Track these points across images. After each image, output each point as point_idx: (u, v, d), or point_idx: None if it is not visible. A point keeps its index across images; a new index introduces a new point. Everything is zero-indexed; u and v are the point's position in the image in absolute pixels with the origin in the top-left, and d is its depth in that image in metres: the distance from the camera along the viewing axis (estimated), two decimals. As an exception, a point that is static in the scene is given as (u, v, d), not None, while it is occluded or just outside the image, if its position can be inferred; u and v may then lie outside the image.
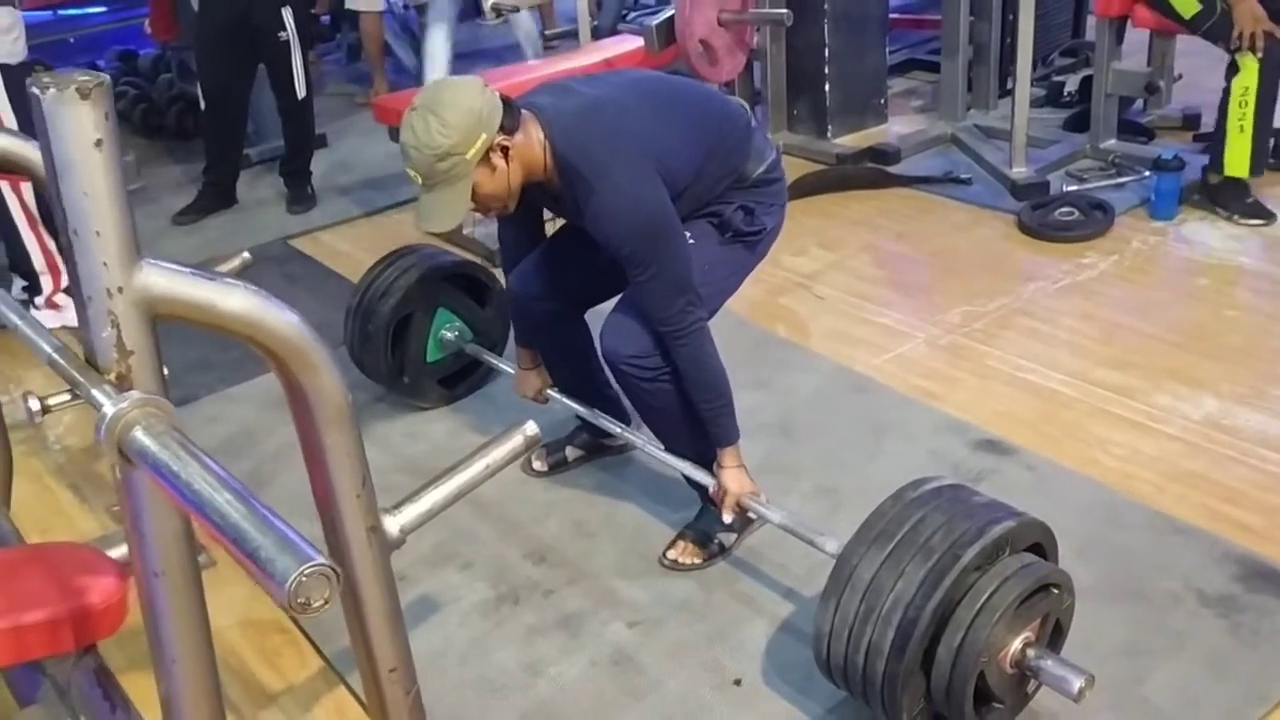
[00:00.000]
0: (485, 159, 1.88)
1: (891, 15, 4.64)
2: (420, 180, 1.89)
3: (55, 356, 1.11)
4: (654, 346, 2.00)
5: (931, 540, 1.62)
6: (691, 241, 2.02)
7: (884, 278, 3.33)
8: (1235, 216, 3.40)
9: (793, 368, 2.85)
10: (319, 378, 1.22)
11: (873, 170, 4.04)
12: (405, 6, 5.61)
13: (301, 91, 4.04)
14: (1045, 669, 1.63)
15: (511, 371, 2.53)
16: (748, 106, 2.57)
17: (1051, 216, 3.49)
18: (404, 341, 2.70)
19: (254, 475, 2.51)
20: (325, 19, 6.21)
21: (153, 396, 1.03)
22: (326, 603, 0.82)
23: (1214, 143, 3.41)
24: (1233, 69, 3.30)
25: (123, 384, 1.09)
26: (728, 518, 2.06)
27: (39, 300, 3.29)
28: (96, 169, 1.04)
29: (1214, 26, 3.33)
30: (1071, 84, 4.44)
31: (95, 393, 1.04)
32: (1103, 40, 3.80)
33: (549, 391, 2.43)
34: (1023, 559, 1.65)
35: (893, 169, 4.04)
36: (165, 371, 1.16)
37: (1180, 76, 4.20)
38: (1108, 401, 2.59)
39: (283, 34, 3.92)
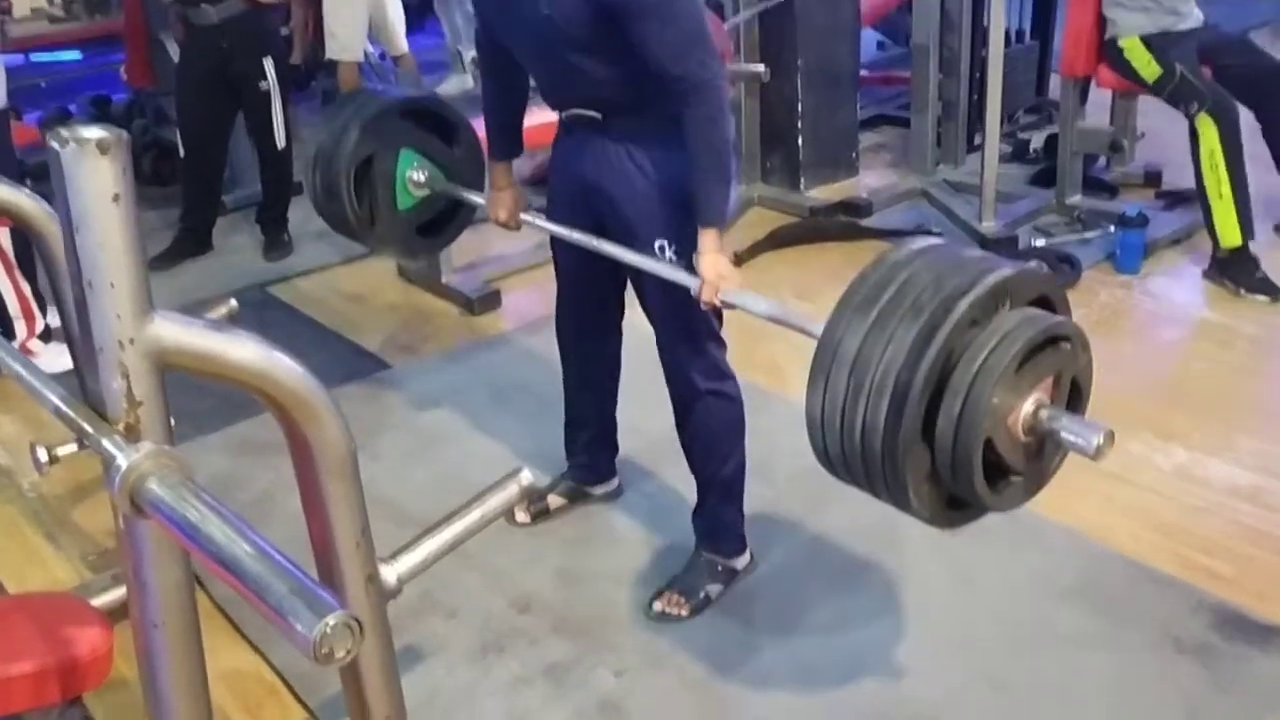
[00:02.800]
0: None
1: (862, 72, 4.74)
2: None
3: (63, 407, 1.12)
4: (710, 374, 2.06)
5: (920, 299, 1.44)
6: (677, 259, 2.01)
7: (859, 328, 3.38)
8: (1243, 291, 3.36)
9: (773, 414, 2.87)
10: (323, 427, 1.24)
11: (846, 223, 4.11)
12: (381, 56, 5.66)
13: (281, 140, 4.06)
14: (1060, 428, 1.42)
15: (483, 203, 2.40)
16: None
17: (1021, 270, 3.56)
18: (371, 188, 2.45)
19: (233, 524, 2.50)
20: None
21: (165, 448, 1.04)
22: (349, 653, 0.83)
23: (1204, 216, 3.43)
24: (1194, 136, 3.37)
25: (131, 434, 1.10)
26: (705, 306, 1.93)
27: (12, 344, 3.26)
28: (113, 223, 1.05)
29: (1175, 90, 3.43)
30: (1037, 141, 4.56)
31: (106, 444, 1.04)
32: (1067, 100, 3.91)
33: (523, 216, 2.31)
34: (1025, 312, 1.46)
35: (865, 222, 4.11)
36: (172, 422, 1.17)
37: (1143, 135, 4.33)
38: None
39: (263, 83, 3.94)
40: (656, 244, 2.02)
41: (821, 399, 1.48)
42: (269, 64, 3.95)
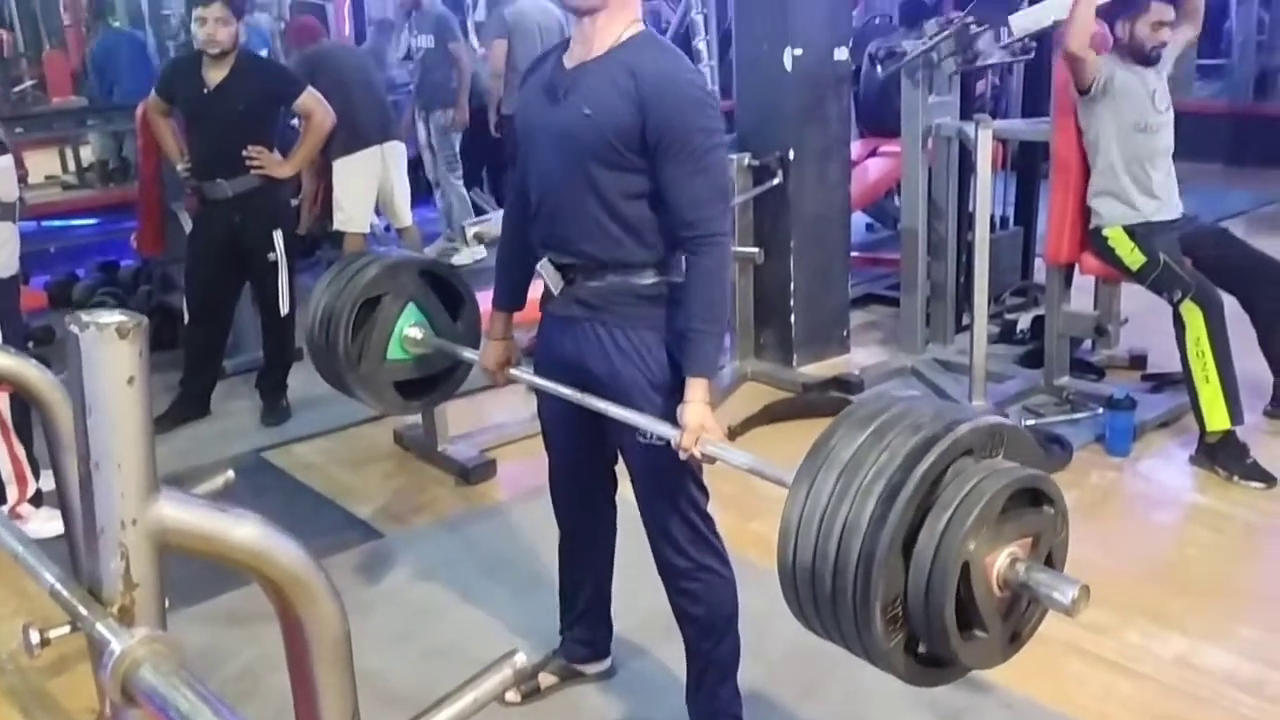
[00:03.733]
0: None
1: (853, 253, 4.89)
2: None
3: (58, 587, 1.11)
4: (696, 547, 2.06)
5: (920, 420, 1.44)
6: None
7: (853, 506, 3.38)
8: (1235, 478, 3.34)
9: (765, 590, 2.84)
10: (319, 610, 1.23)
11: (838, 399, 4.16)
12: (386, 229, 5.84)
13: (285, 309, 4.15)
14: (1034, 581, 1.42)
15: (475, 359, 2.40)
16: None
17: (1013, 449, 3.59)
18: (369, 328, 2.46)
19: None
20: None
21: (160, 634, 1.03)
22: None
23: (1191, 401, 3.46)
24: (1178, 323, 3.44)
25: (125, 618, 1.09)
26: (683, 455, 1.90)
27: (2, 510, 3.24)
28: (127, 404, 1.07)
29: (1159, 279, 3.53)
30: (1024, 322, 4.67)
31: (100, 627, 1.04)
32: (1052, 285, 4.02)
33: (511, 370, 2.32)
34: (1017, 462, 1.48)
35: (857, 399, 4.16)
36: (167, 603, 1.16)
37: (1126, 320, 4.43)
38: (1079, 638, 2.60)
39: (272, 254, 4.05)
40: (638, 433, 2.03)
41: (803, 502, 1.46)
42: (278, 236, 4.06)
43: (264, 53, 6.58)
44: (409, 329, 2.47)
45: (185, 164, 4.12)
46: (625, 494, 2.32)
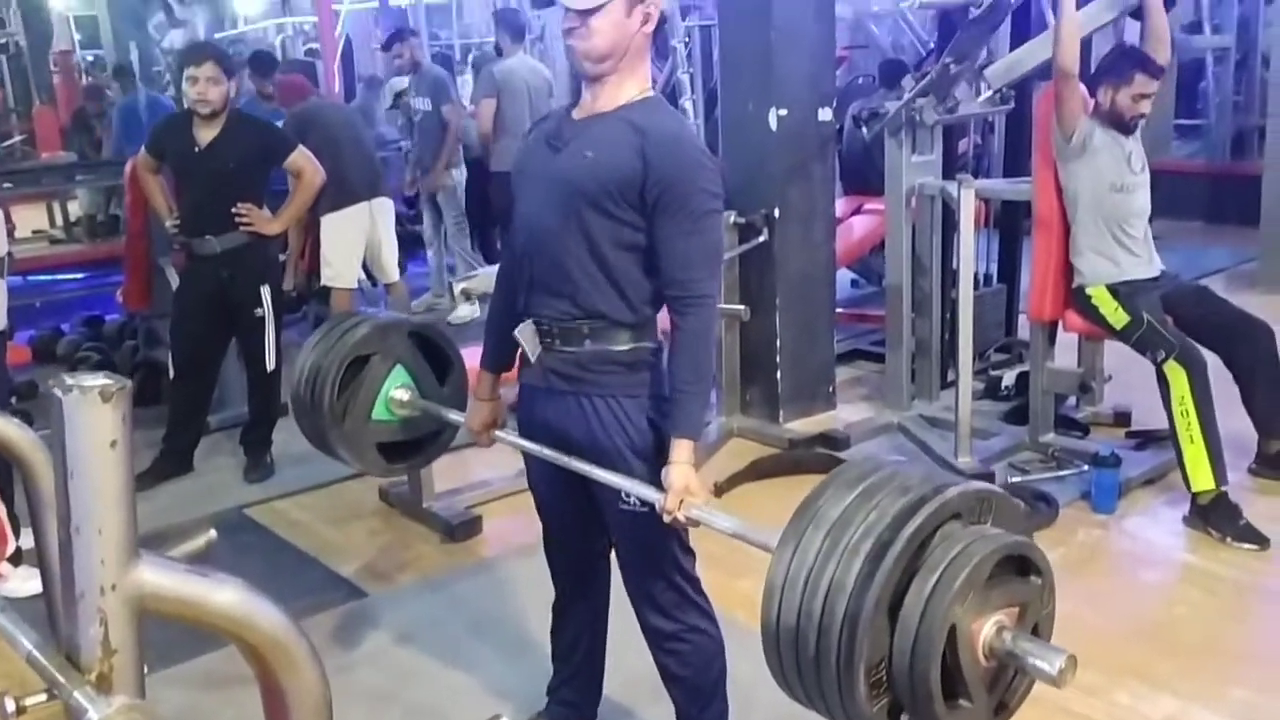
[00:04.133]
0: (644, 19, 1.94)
1: (838, 309, 4.92)
2: None
3: (35, 653, 1.10)
4: (682, 610, 2.05)
5: (909, 482, 1.46)
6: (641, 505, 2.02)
7: (840, 564, 3.36)
8: (1229, 539, 3.32)
9: (752, 655, 2.81)
10: (300, 677, 1.21)
11: (825, 456, 4.16)
12: (374, 284, 5.85)
13: (271, 364, 4.14)
14: (1020, 650, 1.42)
15: (460, 421, 2.39)
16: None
17: (999, 507, 3.58)
18: (355, 387, 2.46)
19: (192, 765, 2.39)
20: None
21: (138, 702, 1.02)
22: None
23: (1177, 460, 3.45)
24: (1163, 382, 3.45)
25: (104, 685, 1.07)
26: (667, 519, 1.88)
27: (-20, 568, 3.20)
28: (109, 468, 1.07)
29: (1142, 338, 3.55)
30: (1009, 379, 4.68)
31: (78, 695, 1.02)
32: (1036, 342, 4.05)
33: (497, 432, 2.30)
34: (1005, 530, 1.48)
35: (843, 454, 4.16)
36: (145, 670, 1.14)
37: (1110, 377, 4.45)
38: (1068, 699, 2.57)
39: (259, 310, 4.05)
40: (622, 495, 2.03)
41: (789, 562, 1.45)
42: (266, 291, 4.06)
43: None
44: (395, 390, 2.48)
45: (174, 220, 4.13)
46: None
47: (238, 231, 3.99)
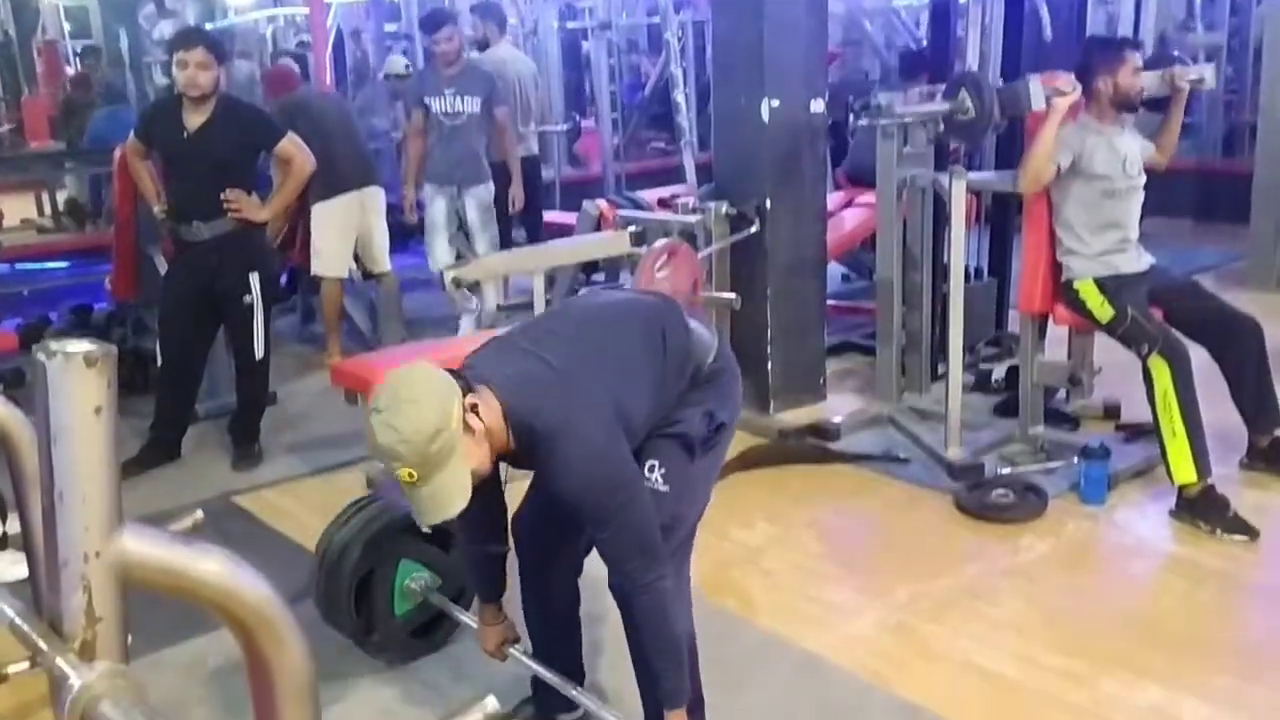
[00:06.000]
0: (465, 425, 1.85)
1: (829, 302, 4.91)
2: (414, 475, 1.80)
3: (18, 621, 1.09)
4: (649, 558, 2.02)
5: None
6: (663, 482, 2.04)
7: (829, 553, 3.37)
8: (1219, 531, 3.31)
9: (742, 644, 2.82)
10: (285, 651, 1.20)
11: (815, 446, 4.16)
12: (365, 276, 5.82)
13: (259, 353, 4.12)
14: None
15: (474, 625, 2.46)
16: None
17: (989, 498, 3.60)
18: (370, 597, 2.63)
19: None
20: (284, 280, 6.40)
21: (121, 667, 1.01)
22: None
23: (1160, 453, 3.46)
24: (1147, 377, 3.46)
25: (86, 653, 1.07)
26: None
27: (-36, 553, 3.18)
28: (93, 435, 1.06)
29: (1126, 332, 3.56)
30: (998, 372, 4.69)
31: (60, 662, 1.01)
32: (1026, 336, 4.05)
33: (509, 649, 2.37)
34: None
35: (833, 445, 4.16)
36: (129, 639, 1.13)
37: (1100, 370, 4.46)
38: (1055, 687, 2.59)
39: (247, 298, 4.03)
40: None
41: None
42: (254, 279, 4.04)
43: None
44: (407, 582, 2.68)
45: (162, 206, 4.11)
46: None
47: (226, 218, 3.97)
